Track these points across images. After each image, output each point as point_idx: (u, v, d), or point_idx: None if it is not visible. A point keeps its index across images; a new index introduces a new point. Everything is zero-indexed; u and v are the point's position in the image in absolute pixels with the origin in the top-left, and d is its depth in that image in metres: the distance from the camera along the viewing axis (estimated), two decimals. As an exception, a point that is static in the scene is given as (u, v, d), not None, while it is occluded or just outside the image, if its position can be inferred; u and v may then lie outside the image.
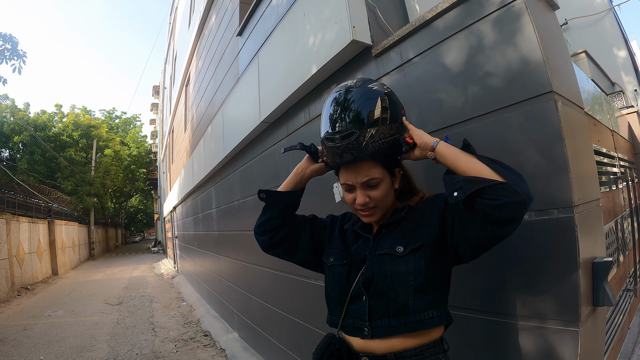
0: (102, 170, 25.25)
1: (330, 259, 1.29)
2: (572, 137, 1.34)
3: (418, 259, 1.11)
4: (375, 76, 2.06)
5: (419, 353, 1.11)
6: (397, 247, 1.14)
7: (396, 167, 1.24)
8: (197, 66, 7.64)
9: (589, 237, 1.34)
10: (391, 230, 1.21)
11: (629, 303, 2.88)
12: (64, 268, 15.43)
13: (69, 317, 6.92)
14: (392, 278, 1.11)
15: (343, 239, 1.33)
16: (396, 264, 1.12)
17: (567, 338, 1.26)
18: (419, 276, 1.10)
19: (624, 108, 4.61)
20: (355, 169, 1.17)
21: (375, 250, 1.18)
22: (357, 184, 1.17)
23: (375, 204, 1.18)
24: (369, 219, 1.21)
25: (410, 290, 1.10)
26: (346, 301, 1.19)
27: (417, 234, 1.15)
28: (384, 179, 1.18)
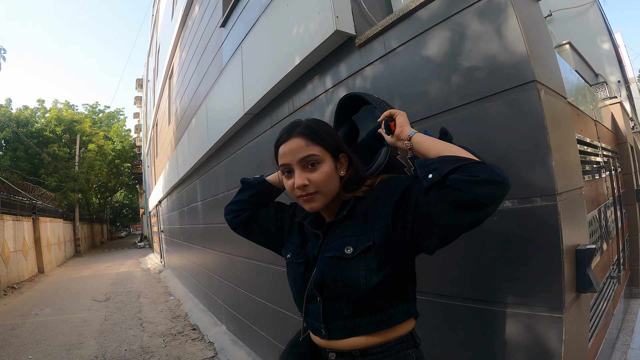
0: (86, 166, 24.88)
1: (288, 255, 1.25)
2: (555, 126, 1.35)
3: (369, 260, 1.02)
4: (359, 66, 2.05)
5: (386, 350, 1.06)
6: (346, 248, 1.05)
7: (341, 152, 1.15)
8: (180, 58, 7.55)
9: (572, 224, 1.35)
10: (340, 227, 1.12)
11: (612, 290, 2.94)
12: (50, 266, 15.17)
13: (56, 315, 6.83)
14: (342, 282, 1.04)
15: (301, 234, 1.27)
16: (346, 267, 1.04)
17: (552, 324, 1.27)
18: (371, 278, 1.02)
19: (607, 99, 4.68)
20: (293, 147, 1.09)
21: (324, 251, 1.10)
22: (295, 163, 1.09)
23: (316, 188, 1.08)
24: (310, 205, 1.10)
25: (362, 293, 1.03)
26: (303, 300, 1.15)
27: (367, 230, 1.05)
28: (325, 160, 1.10)
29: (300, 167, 1.09)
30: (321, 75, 2.42)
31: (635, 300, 4.02)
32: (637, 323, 3.44)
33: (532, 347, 1.33)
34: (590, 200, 2.42)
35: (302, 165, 1.09)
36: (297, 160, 1.08)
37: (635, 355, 2.88)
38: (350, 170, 1.16)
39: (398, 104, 1.79)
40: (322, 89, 2.39)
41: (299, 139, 1.09)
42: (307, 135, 1.10)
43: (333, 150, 1.13)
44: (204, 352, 4.40)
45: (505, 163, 1.36)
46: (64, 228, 19.65)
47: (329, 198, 1.12)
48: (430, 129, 1.59)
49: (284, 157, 1.11)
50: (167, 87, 9.87)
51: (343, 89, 2.18)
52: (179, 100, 7.73)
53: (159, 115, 12.64)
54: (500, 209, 1.38)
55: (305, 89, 2.61)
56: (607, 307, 2.66)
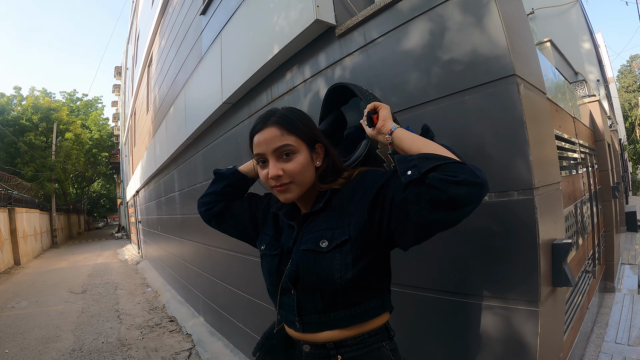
0: (63, 155, 24.38)
1: (262, 247, 1.23)
2: (534, 121, 1.34)
3: (344, 254, 1.01)
4: (339, 56, 2.02)
5: (360, 342, 1.06)
6: (321, 242, 1.03)
7: (317, 142, 1.13)
8: (160, 45, 7.43)
9: (548, 219, 1.35)
10: (316, 219, 1.10)
11: (587, 284, 2.99)
12: (26, 257, 14.88)
13: (33, 308, 6.72)
14: (317, 276, 1.03)
15: (276, 225, 1.24)
16: (321, 261, 1.03)
17: (528, 317, 1.28)
18: (346, 272, 1.01)
19: (586, 97, 4.75)
20: (267, 136, 1.07)
21: (299, 244, 1.09)
22: (269, 152, 1.06)
23: (291, 178, 1.06)
24: (285, 195, 1.08)
25: (337, 287, 1.02)
26: (278, 293, 1.14)
27: (343, 223, 1.04)
28: (300, 151, 1.07)
29: (274, 157, 1.06)
30: (300, 65, 2.38)
31: (610, 294, 4.12)
32: (611, 316, 3.52)
33: (507, 340, 1.33)
34: (567, 195, 2.44)
35: (276, 155, 1.06)
36: (272, 150, 1.06)
37: (610, 347, 2.94)
38: (327, 160, 1.13)
39: (377, 94, 1.75)
40: (301, 79, 2.36)
41: (274, 128, 1.07)
42: (282, 124, 1.07)
43: (309, 140, 1.10)
44: (182, 344, 4.38)
45: (483, 156, 1.35)
46: (40, 219, 19.26)
47: (304, 189, 1.10)
48: (410, 121, 1.57)
49: (259, 147, 1.08)
50: (146, 75, 9.73)
51: (322, 79, 2.15)
52: (157, 88, 7.63)
53: (137, 103, 12.48)
54: (477, 202, 1.37)
55: (284, 79, 2.58)
56: (582, 301, 2.70)
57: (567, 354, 2.23)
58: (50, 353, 4.34)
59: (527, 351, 1.29)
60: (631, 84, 42.40)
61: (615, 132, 9.04)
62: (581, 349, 2.81)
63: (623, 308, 3.70)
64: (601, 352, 2.88)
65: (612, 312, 3.63)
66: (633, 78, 42.97)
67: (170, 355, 4.06)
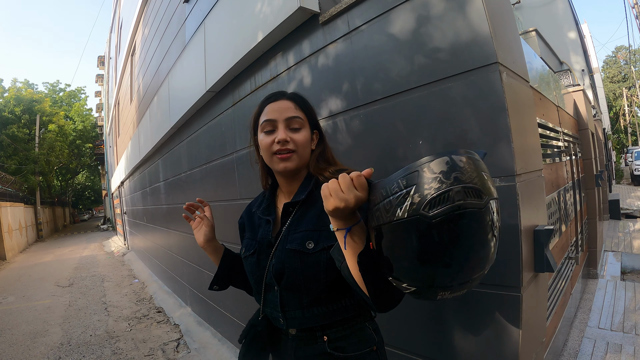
0: (47, 147, 23.97)
1: (242, 250, 1.26)
2: (516, 108, 1.35)
3: (330, 256, 1.03)
4: (322, 44, 1.99)
5: (344, 322, 1.11)
6: (307, 243, 1.07)
7: (315, 128, 1.21)
8: (143, 34, 7.30)
9: (530, 205, 1.36)
10: (300, 215, 1.13)
11: (571, 270, 3.03)
12: (12, 252, 14.69)
13: (20, 303, 6.67)
14: (303, 275, 1.07)
15: (252, 225, 1.28)
16: (307, 261, 1.07)
17: (510, 303, 1.30)
18: (331, 272, 1.05)
19: (571, 86, 4.78)
20: (282, 106, 1.14)
21: (284, 242, 1.11)
22: (281, 120, 1.12)
23: (295, 147, 1.12)
24: (285, 164, 1.11)
25: (322, 286, 1.06)
26: (262, 290, 1.17)
27: (327, 225, 0.97)
28: (305, 127, 1.15)
29: (285, 125, 1.12)
30: (284, 52, 2.35)
31: (593, 280, 4.19)
32: (594, 302, 3.58)
33: (490, 326, 1.35)
34: (550, 182, 2.47)
35: (287, 123, 1.12)
36: (285, 117, 1.12)
37: (593, 332, 3.00)
38: (321, 146, 1.21)
39: (360, 83, 1.76)
40: (285, 67, 2.33)
41: (289, 101, 1.15)
42: (295, 100, 1.16)
43: (311, 123, 1.18)
44: (170, 335, 4.39)
45: (466, 143, 1.35)
46: (25, 212, 19.03)
47: (302, 163, 1.15)
48: (394, 109, 1.57)
49: (272, 113, 1.13)
50: (130, 64, 9.59)
51: (305, 67, 2.12)
52: (141, 77, 7.54)
53: (120, 93, 12.31)
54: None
55: (267, 67, 2.55)
56: (565, 287, 2.75)
57: (550, 339, 2.26)
58: (39, 348, 4.32)
59: (510, 336, 1.30)
60: (616, 75, 43.00)
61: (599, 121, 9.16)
62: (565, 334, 2.87)
63: (606, 294, 3.77)
64: (584, 337, 2.93)
65: (595, 298, 3.70)
66: (618, 69, 43.56)
67: (159, 346, 4.07)
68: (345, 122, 1.83)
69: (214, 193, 3.66)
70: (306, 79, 2.12)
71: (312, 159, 1.18)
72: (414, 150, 1.52)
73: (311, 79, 2.09)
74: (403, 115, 1.56)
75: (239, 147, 3.02)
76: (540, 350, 1.55)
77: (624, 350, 2.70)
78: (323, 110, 1.99)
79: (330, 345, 1.09)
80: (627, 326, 3.06)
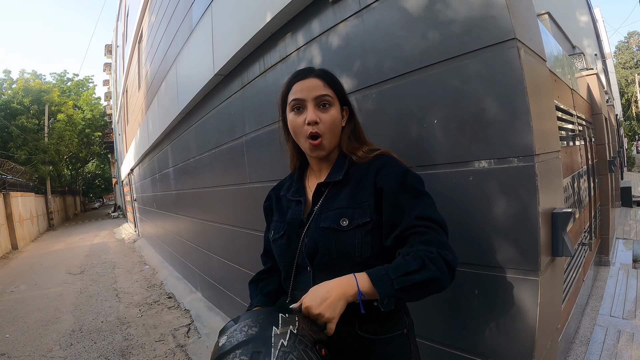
0: (56, 137, 24.08)
1: (271, 234, 1.23)
2: (534, 87, 1.30)
3: (364, 233, 1.05)
4: (332, 23, 1.94)
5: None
6: (341, 220, 1.06)
7: (345, 104, 1.19)
8: (149, 21, 7.27)
9: (548, 187, 1.31)
10: (333, 195, 1.13)
11: (584, 257, 2.99)
12: (23, 241, 14.90)
13: (32, 291, 6.75)
14: (337, 253, 1.05)
15: (280, 208, 1.26)
16: (341, 239, 1.05)
17: (527, 287, 1.26)
18: (366, 251, 1.05)
19: (584, 69, 4.68)
20: (310, 84, 1.12)
21: (317, 220, 1.10)
22: (310, 99, 1.11)
23: (325, 129, 1.11)
24: (318, 152, 1.13)
25: (356, 264, 1.04)
26: (292, 272, 1.15)
27: (362, 203, 1.07)
28: (335, 105, 1.14)
29: (314, 104, 1.11)
30: (293, 32, 2.30)
31: (605, 267, 4.15)
32: (606, 290, 3.54)
33: (506, 311, 1.32)
34: (565, 166, 2.42)
35: (316, 102, 1.11)
36: (314, 97, 1.11)
37: (605, 320, 2.97)
38: (351, 124, 1.20)
39: (372, 61, 1.70)
40: (294, 47, 2.28)
41: (317, 79, 1.13)
42: (324, 77, 1.14)
43: (341, 99, 1.17)
44: (180, 320, 4.42)
45: (482, 123, 1.31)
46: (35, 202, 19.24)
47: (332, 146, 1.15)
48: (407, 87, 1.52)
49: (300, 93, 1.12)
50: (137, 51, 9.58)
51: (316, 46, 2.07)
52: (148, 64, 7.53)
53: (128, 81, 12.33)
54: (476, 168, 1.34)
55: (276, 48, 2.50)
56: (578, 274, 2.71)
57: (563, 326, 2.24)
58: (51, 335, 4.38)
59: (527, 321, 1.27)
60: (628, 61, 42.23)
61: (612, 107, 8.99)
62: (577, 321, 2.84)
63: (618, 282, 3.73)
64: (596, 324, 2.91)
65: (607, 285, 3.66)
66: (630, 55, 42.77)
67: (169, 331, 4.10)
68: (357, 101, 1.78)
69: (223, 177, 3.65)
70: (316, 58, 2.07)
71: (344, 137, 1.18)
72: (428, 130, 1.47)
73: (321, 58, 2.04)
74: (416, 94, 1.52)
75: (248, 131, 3.00)
76: (555, 336, 1.52)
77: (636, 339, 2.67)
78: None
79: (361, 327, 1.06)
80: (638, 314, 3.03)
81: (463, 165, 1.38)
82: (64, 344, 4.03)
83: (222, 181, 3.66)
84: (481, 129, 1.32)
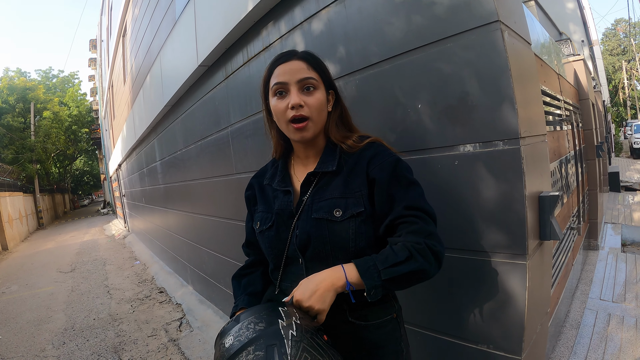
0: (43, 134, 23.78)
1: (257, 225, 1.19)
2: (518, 70, 1.29)
3: (358, 224, 1.03)
4: (315, 9, 1.91)
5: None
6: (335, 211, 1.04)
7: (331, 88, 1.15)
8: (133, 14, 7.20)
9: (534, 171, 1.31)
10: (324, 184, 1.10)
11: (572, 241, 3.01)
12: (13, 242, 14.72)
13: (23, 292, 6.70)
14: (331, 245, 1.04)
15: (265, 197, 1.21)
16: (335, 230, 1.04)
17: (516, 271, 1.26)
18: (360, 241, 1.04)
19: (571, 55, 4.69)
20: (293, 67, 1.07)
21: (309, 211, 1.07)
22: (293, 82, 1.06)
23: (309, 113, 1.06)
24: (302, 133, 1.08)
25: (350, 254, 1.03)
26: (281, 264, 1.12)
27: (354, 193, 1.06)
28: (319, 88, 1.09)
29: (297, 87, 1.06)
30: (275, 20, 2.27)
31: (594, 252, 4.19)
32: (595, 274, 3.58)
33: (495, 296, 1.32)
34: (552, 151, 2.42)
35: (299, 86, 1.07)
36: (297, 80, 1.06)
37: (595, 304, 3.00)
38: (338, 109, 1.16)
39: (355, 47, 1.68)
40: (277, 35, 2.25)
41: (300, 61, 1.08)
42: (307, 59, 1.09)
43: (327, 82, 1.13)
44: (172, 314, 4.42)
45: (467, 106, 1.30)
46: (24, 201, 19.01)
47: (318, 129, 1.11)
48: (391, 71, 1.50)
49: (282, 76, 1.07)
50: (121, 45, 9.50)
51: (299, 33, 2.04)
52: (133, 58, 7.47)
53: (114, 76, 12.22)
54: (461, 153, 1.33)
55: (259, 36, 2.47)
56: (567, 258, 2.73)
57: (553, 310, 2.25)
58: (43, 334, 4.34)
59: (516, 306, 1.27)
60: (615, 47, 42.60)
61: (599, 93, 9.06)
62: (567, 305, 2.86)
63: (607, 266, 3.77)
64: (586, 308, 2.93)
65: (596, 269, 3.70)
66: (617, 41, 43.13)
67: (162, 326, 4.10)
68: (340, 88, 1.76)
69: (210, 169, 3.62)
70: (299, 46, 2.04)
71: (331, 123, 1.14)
72: (413, 115, 1.46)
73: (304, 46, 2.00)
74: (400, 79, 1.49)
75: (233, 121, 2.97)
76: (545, 320, 1.53)
77: (626, 322, 2.70)
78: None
79: (352, 314, 1.06)
80: (628, 298, 3.06)
81: (448, 150, 1.37)
82: (57, 343, 4.00)
83: (209, 173, 3.64)
84: (466, 112, 1.30)
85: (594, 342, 2.49)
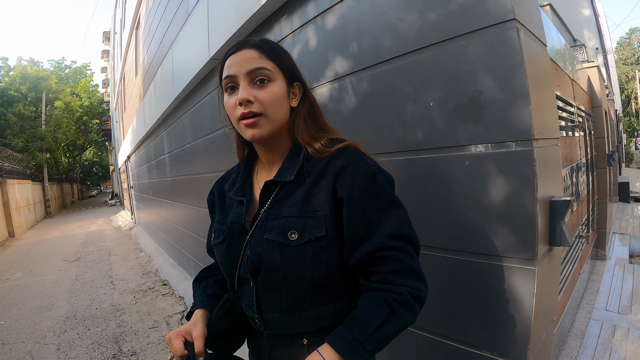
0: (53, 124, 24.07)
1: (212, 236, 1.07)
2: (534, 70, 1.25)
3: (317, 250, 0.87)
4: (328, 4, 1.88)
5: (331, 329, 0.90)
6: (289, 234, 0.87)
7: (296, 80, 0.98)
8: (147, 7, 7.24)
9: (547, 174, 1.28)
10: (282, 197, 0.93)
11: (580, 249, 2.97)
12: (20, 229, 14.90)
13: (27, 279, 6.78)
14: (283, 272, 0.88)
15: (223, 205, 1.08)
16: (289, 256, 0.88)
17: (524, 277, 1.23)
18: (319, 270, 0.88)
19: (585, 62, 4.64)
20: (242, 57, 0.91)
21: (262, 229, 0.92)
22: (241, 75, 0.90)
23: (261, 109, 0.90)
24: (252, 131, 0.91)
25: (307, 285, 0.89)
26: (235, 283, 1.00)
27: (316, 212, 0.88)
28: (276, 80, 0.92)
29: (247, 80, 0.90)
30: (289, 15, 2.25)
31: (601, 262, 4.14)
32: (602, 284, 3.53)
33: (502, 299, 1.29)
34: (564, 157, 2.38)
35: (250, 78, 0.90)
36: (246, 71, 0.90)
37: (600, 314, 2.96)
38: (305, 105, 0.99)
39: (368, 43, 1.66)
40: (290, 30, 2.23)
41: (252, 50, 0.91)
42: (261, 47, 0.92)
43: (287, 73, 0.95)
44: (174, 307, 4.45)
45: (479, 106, 1.27)
46: (33, 189, 19.23)
47: (275, 127, 0.93)
48: (404, 68, 1.48)
49: (230, 68, 0.91)
50: (134, 38, 9.53)
51: (311, 28, 2.02)
52: (145, 51, 7.50)
53: (125, 68, 12.30)
54: (473, 153, 1.30)
55: (272, 31, 2.45)
56: (574, 266, 2.69)
57: (559, 318, 2.22)
58: (45, 322, 4.38)
59: (522, 312, 1.24)
60: (629, 57, 42.11)
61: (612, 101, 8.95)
62: (572, 314, 2.83)
63: (614, 276, 3.72)
64: (592, 318, 2.89)
65: (603, 279, 3.65)
66: (631, 51, 42.63)
67: (163, 318, 4.11)
68: (351, 84, 1.74)
69: (216, 163, 3.62)
70: (312, 41, 2.02)
71: (298, 121, 0.96)
72: (424, 113, 1.43)
73: (317, 41, 1.99)
74: (412, 76, 1.47)
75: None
76: (551, 328, 1.49)
77: (631, 334, 2.66)
78: (329, 72, 1.90)
79: (310, 349, 0.91)
80: (634, 309, 3.02)
81: (459, 150, 1.34)
82: (58, 331, 4.03)
83: (216, 167, 3.63)
84: (478, 112, 1.27)
85: (598, 353, 2.45)
